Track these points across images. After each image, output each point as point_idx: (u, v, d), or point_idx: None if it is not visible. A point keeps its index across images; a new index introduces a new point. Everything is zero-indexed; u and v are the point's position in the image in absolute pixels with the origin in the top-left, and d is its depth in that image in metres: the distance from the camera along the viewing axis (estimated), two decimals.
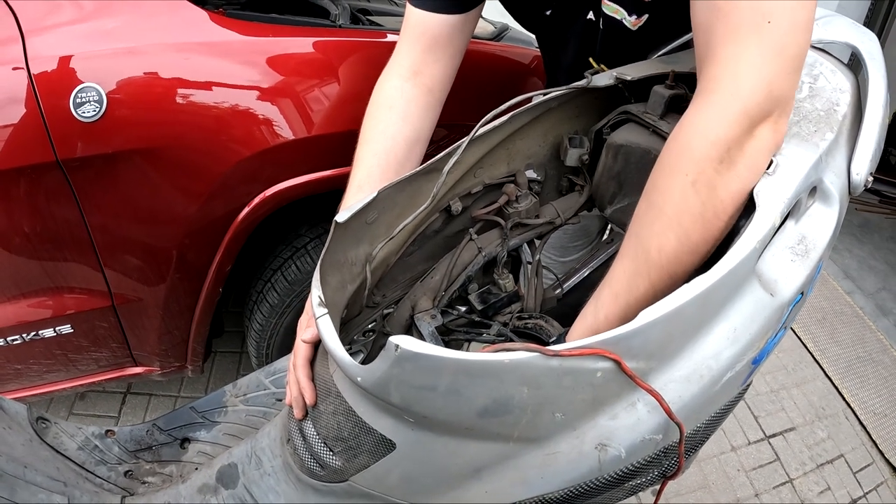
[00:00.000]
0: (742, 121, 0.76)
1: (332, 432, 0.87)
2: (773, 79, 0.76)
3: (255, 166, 1.44)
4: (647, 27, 1.11)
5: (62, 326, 1.57)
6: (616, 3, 1.12)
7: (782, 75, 0.77)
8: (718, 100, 0.78)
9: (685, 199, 0.78)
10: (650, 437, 0.78)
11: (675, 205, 0.79)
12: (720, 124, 0.77)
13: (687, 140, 0.80)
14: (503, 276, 1.09)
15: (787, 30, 0.76)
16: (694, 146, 0.78)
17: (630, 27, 1.13)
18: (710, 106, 0.78)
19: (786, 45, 0.76)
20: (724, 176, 0.77)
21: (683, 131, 0.81)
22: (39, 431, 1.18)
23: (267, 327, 1.78)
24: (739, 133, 0.77)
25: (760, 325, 0.82)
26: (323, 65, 1.49)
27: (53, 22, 1.29)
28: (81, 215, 1.39)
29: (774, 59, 0.76)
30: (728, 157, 0.77)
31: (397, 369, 0.69)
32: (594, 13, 1.19)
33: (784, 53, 0.76)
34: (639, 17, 1.10)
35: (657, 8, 1.07)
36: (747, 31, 0.76)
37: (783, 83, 0.77)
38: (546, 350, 0.66)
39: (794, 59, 0.78)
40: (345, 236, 0.92)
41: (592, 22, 1.20)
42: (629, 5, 1.10)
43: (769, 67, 0.76)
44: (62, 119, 1.26)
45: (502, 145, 1.09)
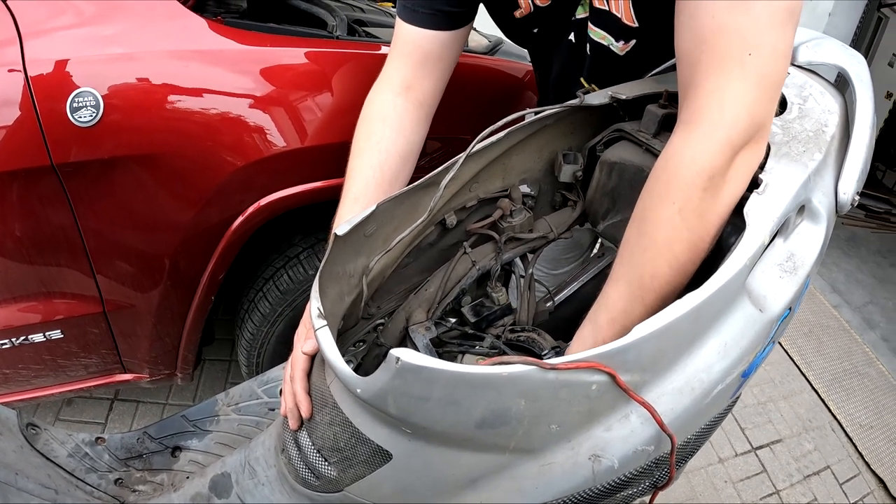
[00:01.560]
0: (726, 150, 0.80)
1: (328, 443, 0.87)
2: (755, 107, 0.80)
3: (250, 175, 1.45)
4: (634, 52, 1.13)
5: (52, 331, 1.57)
6: (602, 30, 1.14)
7: (763, 102, 0.81)
8: (703, 130, 0.81)
9: (674, 227, 0.82)
10: (643, 448, 0.80)
11: (664, 232, 0.82)
12: (705, 154, 0.80)
13: (674, 170, 0.83)
14: (496, 290, 1.10)
15: (769, 59, 0.79)
16: (680, 176, 0.82)
17: (618, 52, 1.15)
18: (696, 136, 0.82)
19: (766, 74, 0.80)
20: (708, 202, 0.81)
21: (670, 161, 0.84)
22: (30, 438, 1.17)
23: (258, 336, 1.78)
24: (722, 162, 0.80)
25: (750, 339, 0.84)
26: (319, 76, 1.50)
27: (52, 25, 1.29)
28: (75, 220, 1.39)
29: (756, 88, 0.79)
30: (712, 185, 0.80)
31: (398, 381, 0.70)
32: (577, 36, 1.21)
33: (765, 82, 0.80)
34: (626, 42, 1.12)
35: (644, 33, 1.09)
36: (731, 64, 0.79)
37: (763, 109, 0.81)
38: (543, 363, 0.67)
39: (774, 85, 0.82)
40: (344, 248, 0.93)
41: (577, 44, 1.22)
42: (616, 31, 1.12)
43: (751, 96, 0.79)
44: (58, 123, 1.26)
45: (498, 161, 1.10)
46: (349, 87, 1.50)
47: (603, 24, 1.13)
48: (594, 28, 1.15)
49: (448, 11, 1.17)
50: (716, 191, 0.81)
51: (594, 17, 1.13)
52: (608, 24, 1.12)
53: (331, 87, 1.50)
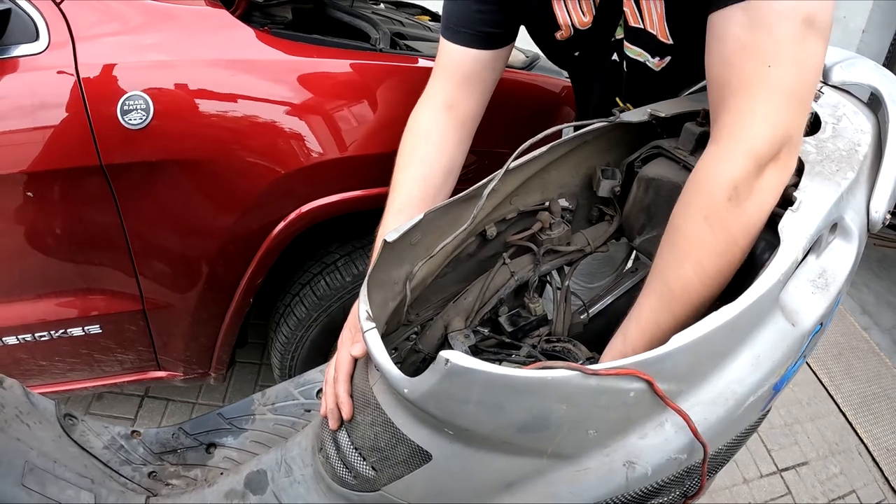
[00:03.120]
0: (748, 162, 0.83)
1: (368, 442, 0.90)
2: (777, 120, 0.82)
3: (292, 183, 1.48)
4: (670, 68, 1.16)
5: (91, 326, 1.60)
6: (639, 47, 1.17)
7: (787, 116, 0.83)
8: (728, 146, 0.85)
9: (699, 236, 0.85)
10: (676, 456, 0.82)
11: (691, 242, 0.86)
12: (727, 166, 0.84)
13: (700, 181, 0.87)
14: (533, 300, 1.13)
15: (791, 73, 0.82)
16: (705, 187, 0.85)
17: (654, 68, 1.17)
18: (720, 152, 0.86)
19: (790, 88, 0.82)
20: (734, 213, 0.84)
21: (698, 174, 0.88)
22: (67, 428, 1.20)
23: (293, 340, 1.81)
24: (747, 173, 0.83)
25: (782, 353, 0.86)
26: (362, 87, 1.53)
27: (104, 31, 1.33)
28: (120, 220, 1.43)
29: (779, 101, 0.82)
30: (736, 195, 0.83)
31: (446, 383, 0.73)
32: (618, 55, 1.23)
33: (789, 95, 0.82)
34: (661, 58, 1.15)
35: (679, 50, 1.12)
36: (754, 81, 0.82)
37: (789, 123, 0.83)
38: (586, 369, 0.70)
39: (801, 99, 0.84)
40: (390, 256, 0.96)
41: (617, 63, 1.25)
42: (652, 48, 1.15)
43: (776, 113, 0.82)
44: (108, 125, 1.30)
45: (537, 175, 1.13)
46: (391, 100, 1.53)
47: (639, 41, 1.16)
48: (631, 46, 1.17)
49: (490, 32, 1.20)
50: (741, 201, 0.83)
51: (630, 36, 1.16)
52: (644, 42, 1.15)
53: (373, 98, 1.53)
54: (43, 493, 0.99)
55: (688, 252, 0.86)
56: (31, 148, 1.30)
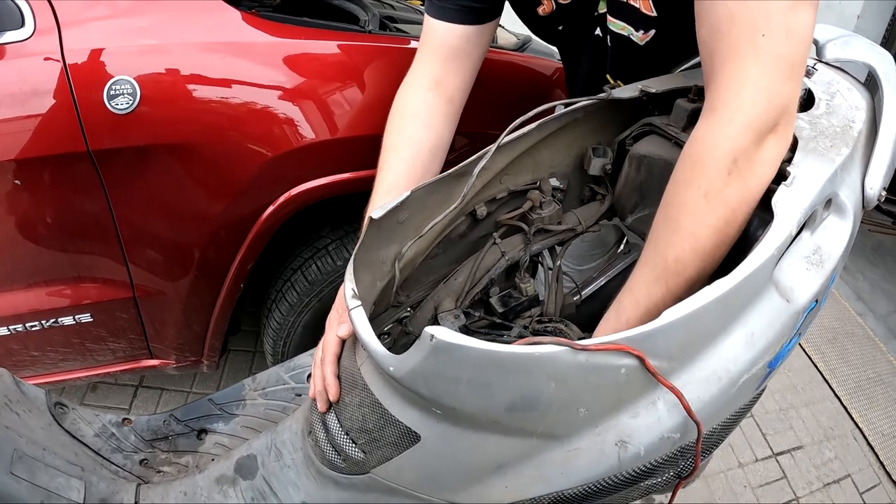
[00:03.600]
0: (747, 133, 0.81)
1: (357, 424, 0.89)
2: (773, 89, 0.80)
3: (281, 166, 1.46)
4: (655, 42, 1.14)
5: (82, 315, 1.59)
6: (622, 20, 1.15)
7: (781, 84, 0.81)
8: (723, 115, 0.82)
9: (699, 211, 0.83)
10: (669, 435, 0.80)
11: (689, 217, 0.84)
12: (727, 139, 0.81)
13: (697, 155, 0.84)
14: (524, 281, 1.11)
15: (783, 40, 0.80)
16: (704, 160, 0.83)
17: (638, 42, 1.16)
18: (717, 122, 0.83)
19: (782, 55, 0.80)
20: (732, 186, 0.82)
21: (694, 146, 0.85)
22: (58, 416, 1.19)
23: (285, 326, 1.80)
24: (746, 144, 0.81)
25: (777, 330, 0.85)
26: (351, 69, 1.51)
27: (90, 16, 1.31)
28: (109, 206, 1.42)
29: (772, 70, 0.80)
30: (736, 168, 0.81)
31: (431, 360, 0.71)
32: (601, 29, 1.22)
33: (781, 63, 0.80)
34: (646, 31, 1.13)
35: (663, 22, 1.10)
36: (745, 49, 0.80)
37: (783, 91, 0.81)
38: (574, 344, 0.68)
39: (792, 67, 0.82)
40: (377, 235, 0.95)
41: (601, 38, 1.23)
42: (635, 21, 1.13)
43: (768, 79, 0.80)
44: (95, 110, 1.29)
45: (528, 154, 1.11)
46: (381, 81, 1.51)
47: (622, 15, 1.14)
48: (613, 20, 1.16)
49: (474, 7, 1.19)
50: (741, 175, 0.81)
51: (613, 9, 1.15)
52: (627, 15, 1.13)
53: (362, 80, 1.52)
54: (32, 482, 0.97)
55: (684, 226, 0.84)
56: (18, 135, 1.28)
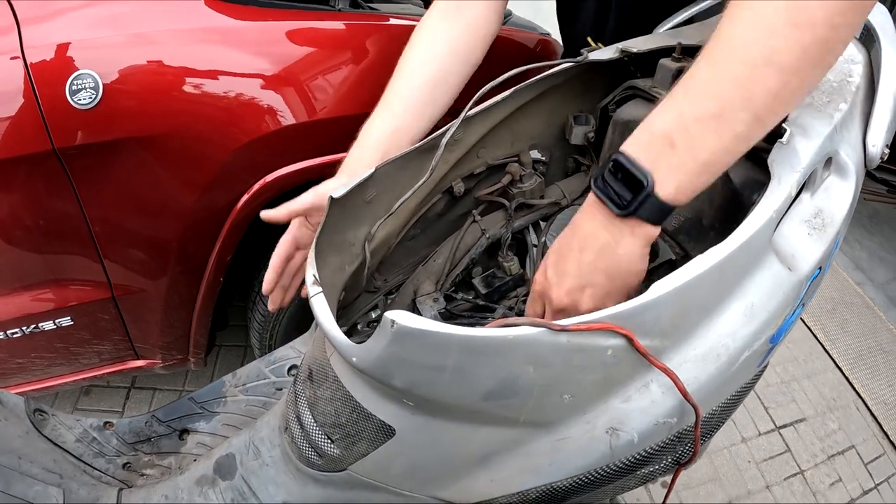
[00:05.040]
0: None
1: (330, 419, 0.84)
2: None
3: (254, 153, 1.41)
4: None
5: (62, 319, 1.55)
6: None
7: None
8: None
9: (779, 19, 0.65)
10: (664, 420, 0.75)
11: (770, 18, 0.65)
12: None
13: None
14: (508, 259, 1.06)
15: None
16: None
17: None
18: None
19: None
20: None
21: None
22: (37, 423, 1.16)
23: (269, 318, 1.76)
24: None
25: (779, 301, 0.79)
26: (322, 49, 1.46)
27: (49, 10, 1.27)
28: (80, 205, 1.37)
29: None
30: None
31: (395, 347, 0.66)
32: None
33: None
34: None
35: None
36: None
37: None
38: (553, 325, 0.62)
39: None
40: (343, 215, 0.89)
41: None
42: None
43: None
44: (58, 107, 1.24)
45: (505, 125, 1.05)
46: (354, 60, 1.47)
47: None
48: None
49: None
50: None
51: None
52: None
53: (335, 60, 1.46)
54: (7, 491, 0.94)
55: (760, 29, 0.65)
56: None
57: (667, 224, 0.98)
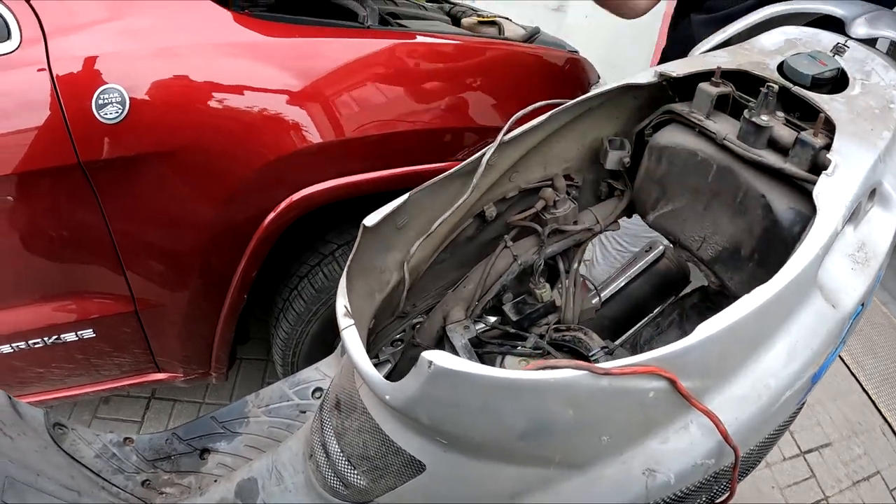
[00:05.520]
0: None
1: (358, 450, 0.82)
2: None
3: (281, 170, 1.40)
4: None
5: (84, 331, 1.55)
6: None
7: None
8: None
9: None
10: (702, 461, 0.73)
11: None
12: None
13: None
14: (540, 286, 1.04)
15: None
16: None
17: None
18: None
19: None
20: None
21: None
22: (56, 438, 1.15)
23: (293, 336, 1.74)
24: None
25: (822, 339, 0.77)
26: (351, 67, 1.45)
27: (76, 23, 1.27)
28: (104, 219, 1.37)
29: None
30: None
31: (430, 387, 0.64)
32: None
33: None
34: None
35: None
36: None
37: None
38: (595, 368, 0.60)
39: None
40: (373, 241, 0.88)
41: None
42: None
43: None
44: (84, 120, 1.24)
45: (538, 149, 1.04)
46: (383, 79, 1.45)
47: None
48: None
49: None
50: None
51: None
52: None
53: (363, 78, 1.45)
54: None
55: None
56: (8, 150, 1.24)
57: (703, 253, 0.96)
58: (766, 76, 0.96)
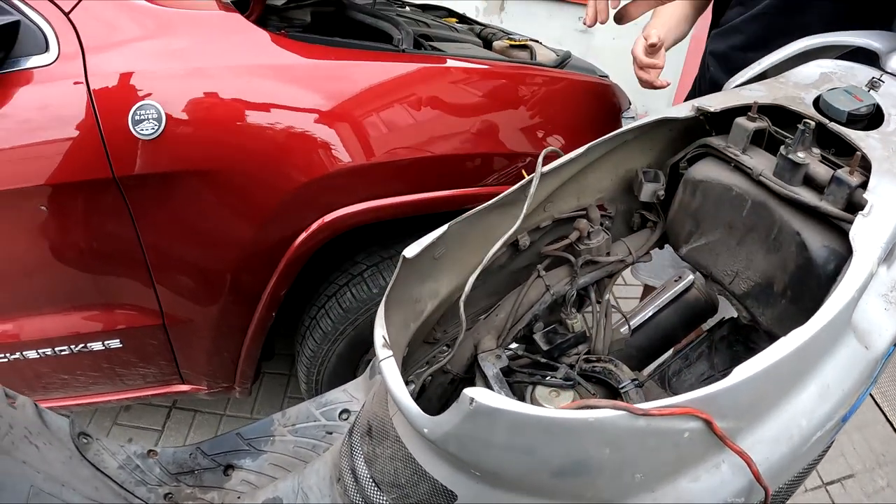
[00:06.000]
0: None
1: (388, 477, 0.82)
2: None
3: (314, 192, 1.41)
4: None
5: (111, 341, 1.56)
6: None
7: None
8: None
9: None
10: (732, 500, 0.72)
11: None
12: None
13: None
14: (571, 317, 1.04)
15: None
16: None
17: None
18: None
19: None
20: None
21: None
22: (81, 447, 1.15)
23: (319, 354, 1.75)
24: None
25: (854, 380, 0.76)
26: (385, 90, 1.46)
27: (115, 39, 1.29)
28: (136, 233, 1.39)
29: None
30: None
31: (470, 424, 0.65)
32: None
33: None
34: None
35: None
36: None
37: None
38: (635, 409, 0.60)
39: None
40: (410, 272, 0.88)
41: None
42: None
43: None
44: (120, 135, 1.26)
45: (573, 179, 1.04)
46: (416, 102, 1.46)
47: None
48: None
49: None
50: None
51: None
52: None
53: (398, 101, 1.46)
54: None
55: None
56: (43, 161, 1.27)
57: (735, 287, 0.96)
58: (802, 112, 0.96)
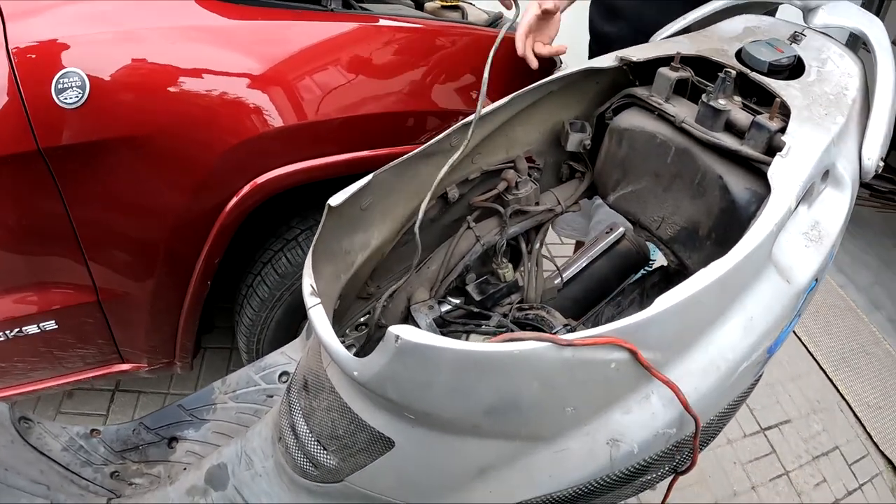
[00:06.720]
0: None
1: (326, 430, 0.83)
2: None
3: (244, 155, 1.38)
4: None
5: (46, 323, 1.52)
6: None
7: None
8: None
9: None
10: (664, 431, 0.75)
11: None
12: None
13: None
14: (502, 266, 1.05)
15: None
16: None
17: None
18: None
19: None
20: None
21: None
22: (22, 432, 1.14)
23: (257, 322, 1.73)
24: None
25: (777, 313, 0.80)
26: (314, 50, 1.43)
27: (35, 6, 1.24)
28: (65, 207, 1.34)
29: None
30: None
31: (397, 363, 0.65)
32: None
33: None
34: None
35: None
36: None
37: None
38: (559, 339, 0.62)
39: None
40: (338, 223, 0.88)
41: None
42: None
43: None
44: (43, 105, 1.21)
45: (501, 131, 1.05)
46: (346, 62, 1.44)
47: None
48: None
49: None
50: None
51: None
52: None
53: (326, 61, 1.43)
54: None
55: None
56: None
57: (662, 233, 0.98)
58: (724, 62, 0.98)
